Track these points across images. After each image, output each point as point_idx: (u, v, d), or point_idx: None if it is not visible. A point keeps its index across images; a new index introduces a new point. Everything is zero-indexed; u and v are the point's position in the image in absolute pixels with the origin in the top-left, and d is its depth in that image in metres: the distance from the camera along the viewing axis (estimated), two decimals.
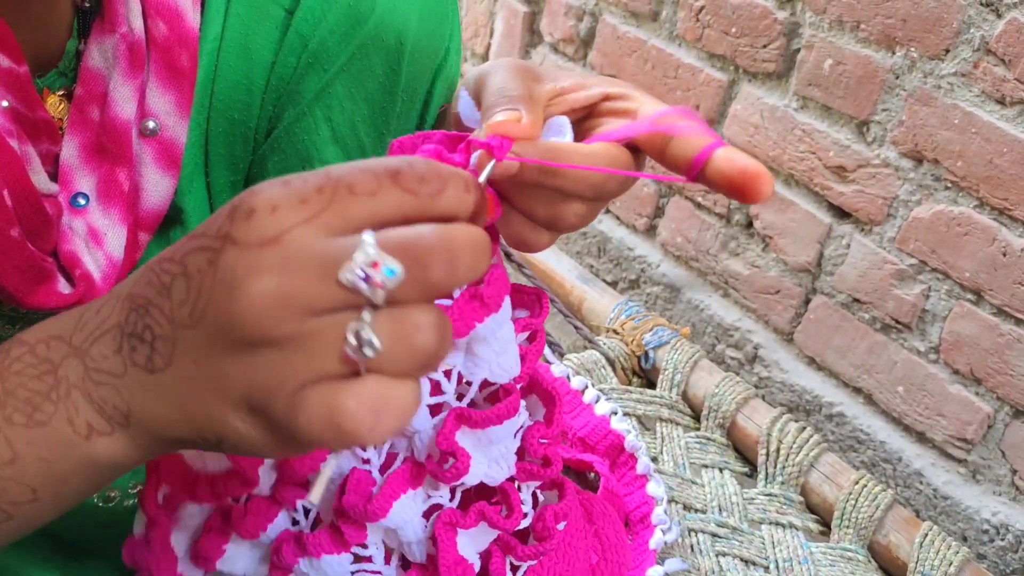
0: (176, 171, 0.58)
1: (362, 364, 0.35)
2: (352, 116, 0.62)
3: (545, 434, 0.56)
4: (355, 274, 0.35)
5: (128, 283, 0.40)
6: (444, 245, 0.36)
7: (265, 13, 0.60)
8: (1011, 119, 1.15)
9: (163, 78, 0.56)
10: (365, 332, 0.35)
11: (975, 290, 1.23)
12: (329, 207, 0.36)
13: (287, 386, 0.36)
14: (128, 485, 0.63)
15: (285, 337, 0.35)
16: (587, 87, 0.52)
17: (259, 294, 0.35)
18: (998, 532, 1.23)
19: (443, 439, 0.50)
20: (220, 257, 0.36)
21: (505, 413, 0.51)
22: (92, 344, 0.40)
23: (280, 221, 0.35)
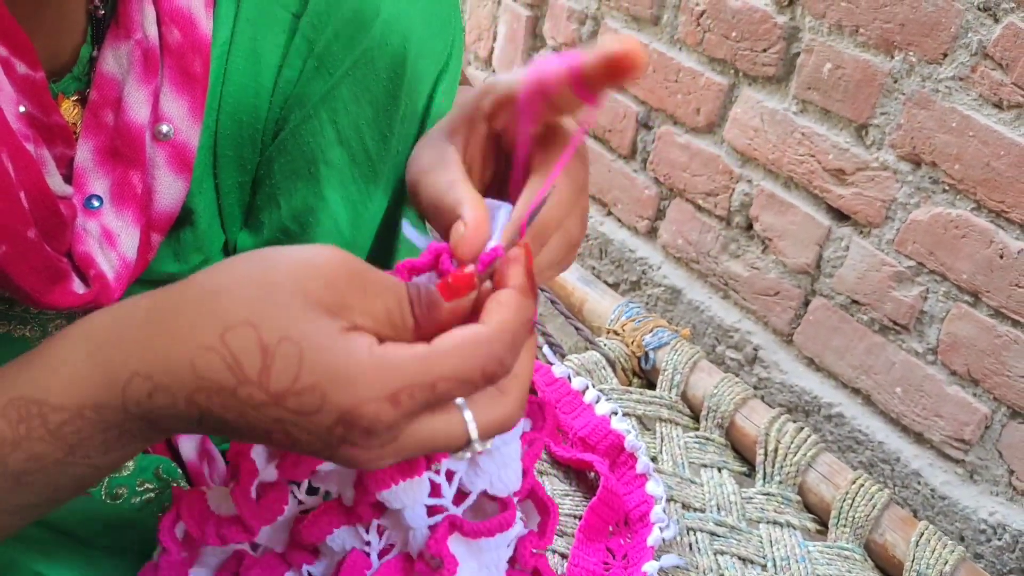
0: (188, 174, 0.59)
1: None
2: (357, 119, 0.62)
3: (538, 545, 0.58)
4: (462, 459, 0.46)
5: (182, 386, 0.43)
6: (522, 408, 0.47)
7: (273, 17, 0.61)
8: (1008, 122, 1.16)
9: (176, 83, 0.57)
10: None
11: (972, 292, 1.24)
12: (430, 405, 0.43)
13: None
14: (135, 483, 0.64)
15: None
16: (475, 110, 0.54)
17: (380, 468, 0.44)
18: (995, 532, 1.24)
19: (433, 543, 0.53)
20: (339, 450, 0.43)
21: (498, 527, 0.54)
22: (158, 419, 0.44)
23: (395, 432, 0.43)
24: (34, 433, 0.44)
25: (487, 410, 0.45)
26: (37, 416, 0.44)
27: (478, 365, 0.43)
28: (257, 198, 0.65)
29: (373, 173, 0.64)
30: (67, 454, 0.44)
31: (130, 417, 0.43)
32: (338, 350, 0.41)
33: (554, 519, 0.59)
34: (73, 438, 0.44)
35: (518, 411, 0.46)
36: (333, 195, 0.63)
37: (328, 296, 0.42)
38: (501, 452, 0.53)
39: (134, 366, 0.43)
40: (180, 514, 0.54)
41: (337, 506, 0.54)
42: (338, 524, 0.54)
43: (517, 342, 0.45)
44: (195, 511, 0.54)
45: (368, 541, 0.54)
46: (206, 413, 0.42)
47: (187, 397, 0.42)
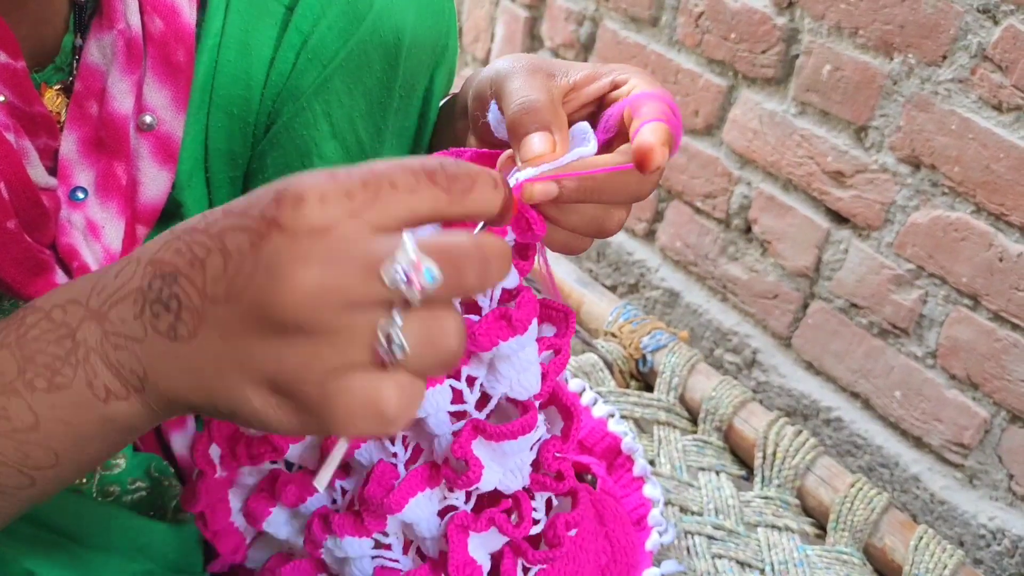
0: (173, 165, 0.59)
1: (389, 361, 0.37)
2: (350, 112, 0.62)
3: (561, 449, 0.58)
4: (398, 274, 0.37)
5: (150, 249, 0.41)
6: (479, 253, 0.38)
7: (265, 10, 0.60)
8: (1008, 125, 1.16)
9: (160, 73, 0.57)
10: (396, 334, 0.37)
11: (972, 295, 1.23)
12: (373, 202, 0.37)
13: (316, 372, 0.37)
14: (127, 481, 0.64)
15: (320, 327, 0.37)
16: (597, 77, 0.54)
17: (302, 283, 0.36)
18: (995, 537, 1.23)
19: (458, 447, 0.52)
20: (264, 241, 0.37)
21: (520, 430, 0.54)
22: (111, 308, 0.41)
23: (328, 212, 0.37)
24: (7, 338, 0.42)
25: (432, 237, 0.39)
26: (18, 319, 0.43)
27: (424, 163, 0.39)
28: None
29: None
30: (19, 371, 0.41)
31: (88, 315, 0.41)
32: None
33: (577, 423, 0.59)
34: (31, 346, 0.41)
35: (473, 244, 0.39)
36: None
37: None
38: (518, 356, 0.53)
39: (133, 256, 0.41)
40: (211, 436, 0.55)
41: None
42: (364, 439, 0.54)
43: (472, 172, 0.41)
44: (225, 432, 0.55)
45: (395, 452, 0.55)
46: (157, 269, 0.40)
47: (150, 257, 0.40)
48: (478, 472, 0.53)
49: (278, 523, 0.58)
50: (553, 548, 0.59)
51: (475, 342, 0.51)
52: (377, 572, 0.57)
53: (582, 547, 0.64)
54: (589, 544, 0.65)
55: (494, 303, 0.53)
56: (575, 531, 0.61)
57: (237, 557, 0.62)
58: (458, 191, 0.39)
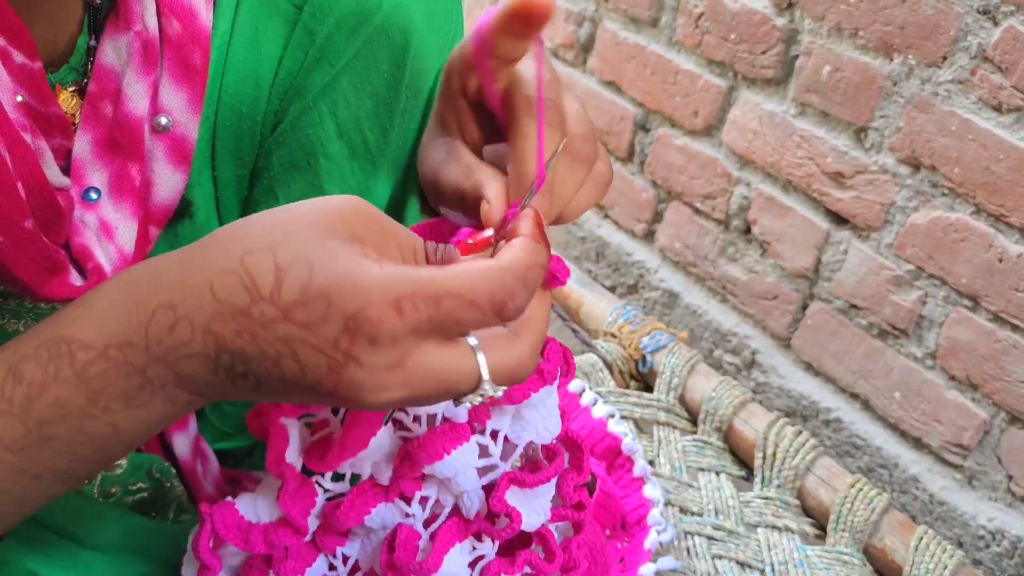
0: (187, 166, 0.59)
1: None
2: (357, 111, 0.62)
3: (577, 480, 0.59)
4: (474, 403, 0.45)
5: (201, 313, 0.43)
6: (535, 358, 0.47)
7: (274, 8, 0.61)
8: (1008, 126, 1.16)
9: (176, 75, 0.57)
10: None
11: (972, 296, 1.23)
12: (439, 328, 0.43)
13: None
14: (128, 481, 0.64)
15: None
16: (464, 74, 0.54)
17: (388, 401, 0.43)
18: (994, 538, 1.23)
19: (497, 502, 0.54)
20: (344, 370, 0.42)
21: (554, 474, 0.56)
22: (178, 361, 0.44)
23: (400, 349, 0.42)
24: (61, 373, 0.44)
25: (499, 351, 0.45)
26: (66, 355, 0.44)
27: (486, 290, 0.43)
28: (255, 191, 0.65)
29: (372, 167, 0.64)
30: (90, 402, 0.44)
31: (152, 360, 0.44)
32: (349, 264, 0.42)
33: (587, 453, 0.60)
34: (97, 382, 0.44)
35: (531, 357, 0.45)
36: (332, 188, 0.63)
37: (344, 230, 0.43)
38: (544, 404, 0.55)
39: (159, 298, 0.43)
40: (216, 531, 0.55)
41: (372, 486, 0.55)
42: (375, 503, 0.55)
43: (529, 280, 0.44)
44: (230, 523, 0.55)
45: (411, 514, 0.56)
46: (221, 344, 0.42)
47: (204, 326, 0.42)
48: (519, 522, 0.55)
49: None
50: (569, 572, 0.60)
51: (509, 396, 0.53)
52: None
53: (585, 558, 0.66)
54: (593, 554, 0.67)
55: None
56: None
57: None
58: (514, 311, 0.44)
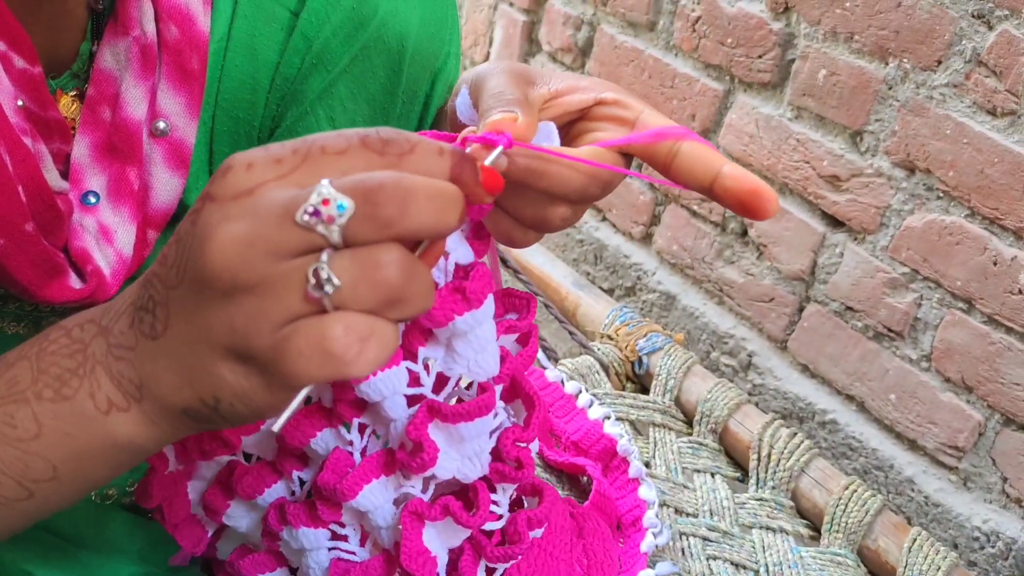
0: (185, 171, 0.59)
1: (327, 302, 0.37)
2: (353, 116, 0.63)
3: (521, 437, 0.57)
4: (308, 212, 0.37)
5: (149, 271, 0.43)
6: (395, 184, 0.38)
7: (271, 14, 0.61)
8: (1002, 130, 1.17)
9: (174, 80, 0.58)
10: (323, 270, 0.37)
11: (966, 299, 1.24)
12: (301, 165, 0.38)
13: (264, 326, 0.38)
14: (126, 484, 0.64)
15: (254, 281, 0.37)
16: (581, 90, 0.53)
17: (227, 240, 0.37)
18: (988, 539, 1.24)
19: (413, 429, 0.51)
20: (199, 215, 0.38)
21: (476, 411, 0.52)
22: (114, 323, 0.43)
23: (254, 176, 0.38)
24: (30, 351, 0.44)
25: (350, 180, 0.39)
26: (43, 336, 0.45)
27: (357, 130, 0.40)
28: None
29: None
30: (32, 380, 0.43)
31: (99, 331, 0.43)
32: None
33: (539, 411, 0.58)
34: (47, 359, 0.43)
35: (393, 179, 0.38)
36: None
37: None
38: (475, 334, 0.52)
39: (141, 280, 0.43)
40: None
41: (318, 409, 0.54)
42: (320, 427, 0.53)
43: (411, 138, 0.40)
44: None
45: (350, 440, 0.54)
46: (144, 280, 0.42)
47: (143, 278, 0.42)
48: (433, 455, 0.52)
49: (237, 516, 0.58)
50: (513, 545, 0.57)
51: (430, 317, 0.50)
52: (333, 564, 0.56)
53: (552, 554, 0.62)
54: (561, 553, 0.63)
55: (449, 277, 0.51)
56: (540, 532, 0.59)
57: (199, 550, 0.61)
58: (393, 154, 0.39)
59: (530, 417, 0.58)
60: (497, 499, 0.57)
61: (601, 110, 0.53)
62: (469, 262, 0.52)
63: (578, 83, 0.54)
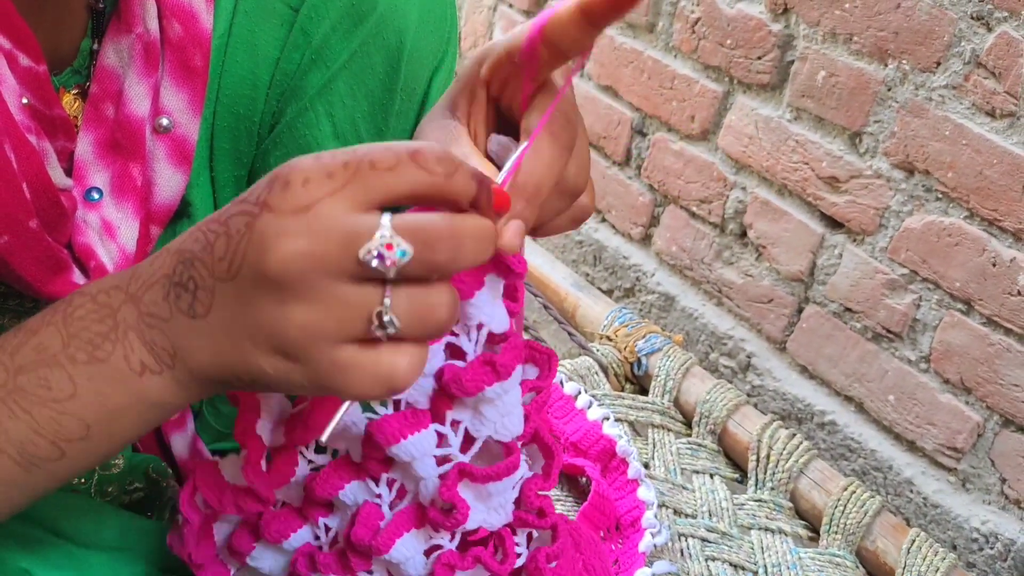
0: (188, 167, 0.59)
1: (383, 336, 0.42)
2: (353, 112, 0.63)
3: (543, 487, 0.59)
4: (372, 254, 0.40)
5: (179, 240, 0.45)
6: (451, 232, 0.41)
7: (271, 10, 0.61)
8: (1001, 131, 1.17)
9: (177, 77, 0.58)
10: (387, 315, 0.41)
11: (965, 300, 1.24)
12: (353, 180, 0.41)
13: (320, 339, 0.41)
14: (125, 482, 0.64)
15: (313, 296, 0.41)
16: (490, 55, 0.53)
17: (288, 252, 0.40)
18: (987, 541, 1.24)
19: (446, 491, 0.54)
20: (256, 221, 0.41)
21: (505, 472, 0.55)
22: (145, 292, 0.45)
23: (311, 193, 0.41)
24: (55, 318, 0.46)
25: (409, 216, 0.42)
26: (67, 303, 0.46)
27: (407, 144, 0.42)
28: None
29: None
30: (63, 345, 0.45)
31: (127, 298, 0.45)
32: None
33: (558, 461, 0.60)
34: (76, 324, 0.45)
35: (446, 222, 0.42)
36: None
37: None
38: (503, 400, 0.55)
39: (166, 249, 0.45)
40: (197, 486, 0.56)
41: (346, 463, 0.55)
42: (348, 480, 0.55)
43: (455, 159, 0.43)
44: (210, 482, 0.56)
45: (379, 494, 0.56)
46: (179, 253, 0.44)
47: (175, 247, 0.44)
48: (465, 514, 0.54)
49: (261, 558, 0.59)
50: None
51: (461, 388, 0.52)
52: None
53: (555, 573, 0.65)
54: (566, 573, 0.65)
55: (479, 347, 0.54)
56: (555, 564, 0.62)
57: None
58: (441, 173, 0.42)
59: (549, 466, 0.60)
60: (518, 540, 0.60)
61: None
62: (503, 331, 0.54)
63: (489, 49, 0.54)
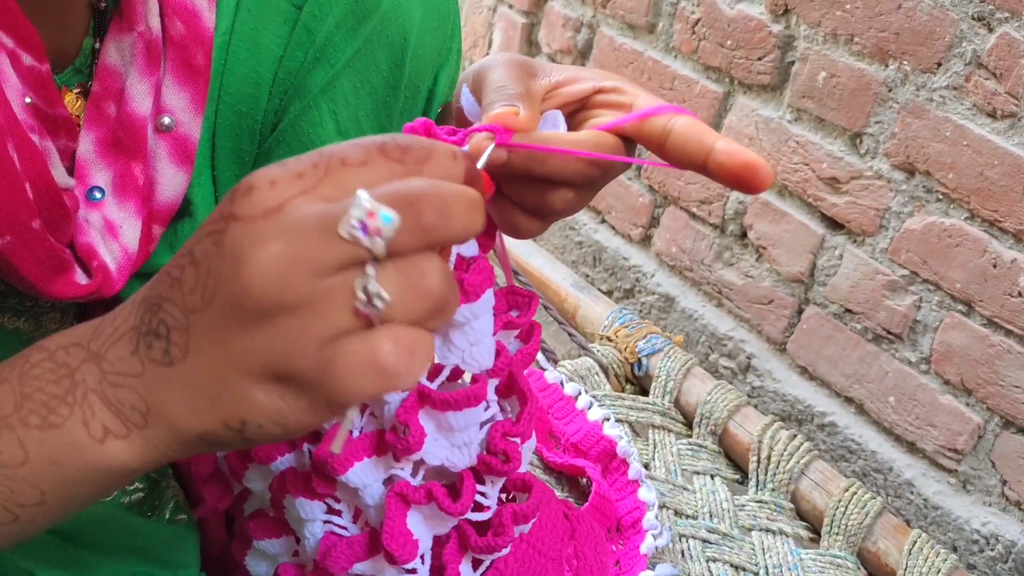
0: (190, 166, 0.59)
1: (375, 317, 0.37)
2: (356, 110, 0.63)
3: (511, 431, 0.57)
4: (353, 226, 0.36)
5: (143, 289, 0.41)
6: (434, 192, 0.38)
7: (274, 8, 0.61)
8: (1002, 132, 1.17)
9: (179, 75, 0.58)
10: (372, 285, 0.37)
11: (966, 301, 1.24)
12: (324, 178, 0.38)
13: (309, 346, 0.37)
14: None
15: (297, 300, 0.37)
16: (580, 80, 0.55)
17: (266, 260, 0.36)
18: (988, 542, 1.24)
19: (402, 412, 0.52)
20: (225, 236, 0.37)
21: (464, 400, 0.52)
22: (109, 348, 0.41)
23: (279, 193, 0.37)
24: (12, 374, 0.42)
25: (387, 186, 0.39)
26: (25, 356, 0.43)
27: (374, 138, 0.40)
28: None
29: None
30: (16, 407, 0.41)
31: (88, 357, 0.41)
32: None
33: (531, 406, 0.58)
34: (32, 384, 0.42)
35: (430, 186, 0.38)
36: None
37: None
38: (471, 326, 0.53)
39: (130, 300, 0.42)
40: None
41: None
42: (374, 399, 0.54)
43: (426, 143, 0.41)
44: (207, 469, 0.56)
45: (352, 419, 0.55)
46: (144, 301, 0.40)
47: (139, 297, 0.41)
48: (420, 439, 0.52)
49: (254, 480, 0.59)
50: (498, 537, 0.57)
51: None
52: (325, 537, 0.57)
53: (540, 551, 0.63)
54: (550, 551, 0.63)
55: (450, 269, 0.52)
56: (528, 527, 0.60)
57: (222, 504, 0.62)
58: (412, 161, 0.39)
59: (522, 412, 0.58)
60: (485, 491, 0.58)
61: (600, 98, 0.55)
62: (472, 255, 0.53)
63: (578, 74, 0.55)
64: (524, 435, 0.58)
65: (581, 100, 0.55)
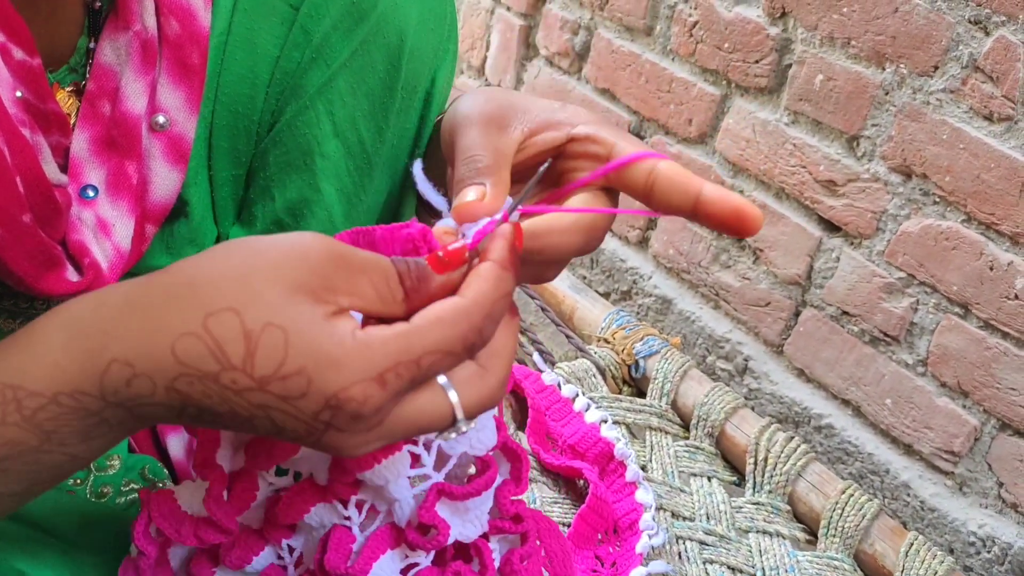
0: (184, 165, 0.59)
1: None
2: (353, 111, 0.63)
3: (515, 492, 0.59)
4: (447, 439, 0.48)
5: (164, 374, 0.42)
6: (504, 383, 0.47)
7: (271, 8, 0.61)
8: (998, 135, 1.17)
9: (174, 75, 0.58)
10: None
11: (962, 304, 1.24)
12: (408, 383, 0.43)
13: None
14: (121, 482, 0.64)
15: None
16: (555, 125, 0.54)
17: (367, 452, 0.44)
18: (984, 544, 1.24)
19: (425, 513, 0.53)
20: (324, 436, 0.43)
21: (484, 487, 0.55)
22: (137, 407, 0.43)
23: (382, 414, 0.43)
24: (9, 418, 0.43)
25: (471, 388, 0.45)
26: (12, 401, 0.43)
27: (459, 335, 0.43)
28: (251, 191, 0.65)
29: (368, 165, 0.64)
30: (43, 441, 0.43)
31: (109, 405, 0.42)
32: (323, 335, 0.41)
33: (526, 464, 0.60)
34: (49, 425, 0.43)
35: (500, 388, 0.46)
36: (328, 187, 0.64)
37: (312, 281, 0.42)
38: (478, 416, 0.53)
39: (113, 352, 0.42)
40: (152, 517, 0.53)
41: (311, 486, 0.54)
42: (313, 503, 0.54)
43: (495, 313, 0.45)
44: (166, 512, 0.53)
45: (348, 516, 0.55)
46: (187, 400, 0.42)
47: (167, 384, 0.41)
48: (446, 534, 0.54)
49: None
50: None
51: None
52: None
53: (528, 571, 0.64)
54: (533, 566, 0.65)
55: None
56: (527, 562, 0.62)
57: None
58: (479, 344, 0.45)
59: (517, 471, 0.60)
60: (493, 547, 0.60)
61: (575, 147, 0.53)
62: None
63: (553, 116, 0.54)
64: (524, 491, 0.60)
65: (555, 150, 0.54)
